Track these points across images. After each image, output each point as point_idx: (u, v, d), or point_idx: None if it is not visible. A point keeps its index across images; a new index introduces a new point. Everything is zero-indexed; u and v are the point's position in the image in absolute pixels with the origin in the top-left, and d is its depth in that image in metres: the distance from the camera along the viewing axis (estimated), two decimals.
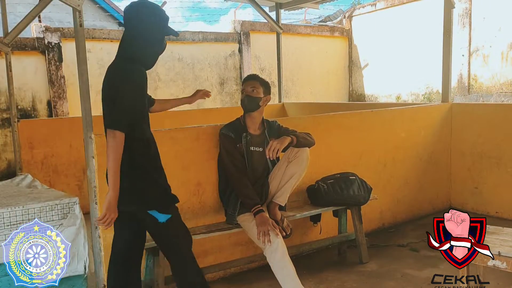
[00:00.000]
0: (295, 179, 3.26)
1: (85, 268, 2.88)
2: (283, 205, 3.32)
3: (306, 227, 3.93)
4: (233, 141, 3.25)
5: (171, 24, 2.53)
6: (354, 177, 3.76)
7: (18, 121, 5.13)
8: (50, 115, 7.00)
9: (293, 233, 3.35)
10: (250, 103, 3.28)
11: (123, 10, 2.77)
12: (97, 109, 2.73)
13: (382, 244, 4.19)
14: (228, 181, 3.28)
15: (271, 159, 3.19)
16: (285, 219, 3.29)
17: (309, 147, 3.33)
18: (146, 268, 3.03)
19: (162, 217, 2.43)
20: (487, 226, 2.81)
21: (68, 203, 2.87)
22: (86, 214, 2.97)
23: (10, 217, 2.67)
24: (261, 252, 3.07)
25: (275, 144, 3.07)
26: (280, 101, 7.08)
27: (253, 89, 3.27)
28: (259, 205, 3.09)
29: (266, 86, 3.36)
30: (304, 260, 3.78)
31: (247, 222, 3.13)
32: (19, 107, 6.70)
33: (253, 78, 3.38)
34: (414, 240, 4.23)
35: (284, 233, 3.14)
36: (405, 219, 4.76)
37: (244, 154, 3.26)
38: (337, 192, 3.62)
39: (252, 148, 3.29)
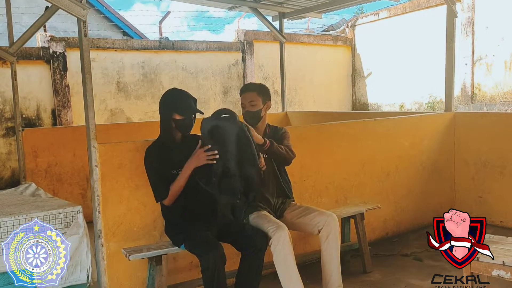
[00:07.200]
0: (336, 254, 3.18)
1: (87, 277, 2.88)
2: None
3: (309, 236, 3.92)
4: None
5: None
6: None
7: (22, 129, 5.16)
8: (54, 124, 7.04)
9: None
10: (251, 118, 3.23)
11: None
12: (101, 118, 2.75)
13: (386, 254, 4.16)
14: None
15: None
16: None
17: (283, 161, 3.25)
18: (148, 277, 3.02)
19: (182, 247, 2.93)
20: (491, 235, 2.80)
21: (72, 211, 2.87)
22: (90, 222, 2.98)
23: (13, 225, 2.67)
24: (267, 261, 3.05)
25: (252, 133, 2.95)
26: (283, 110, 7.09)
27: (251, 102, 3.22)
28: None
29: (264, 93, 3.29)
30: (307, 270, 3.75)
31: (257, 218, 3.13)
32: (23, 116, 6.74)
33: (249, 89, 3.30)
34: (417, 249, 4.21)
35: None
36: (408, 228, 4.73)
37: None
38: None
39: None
